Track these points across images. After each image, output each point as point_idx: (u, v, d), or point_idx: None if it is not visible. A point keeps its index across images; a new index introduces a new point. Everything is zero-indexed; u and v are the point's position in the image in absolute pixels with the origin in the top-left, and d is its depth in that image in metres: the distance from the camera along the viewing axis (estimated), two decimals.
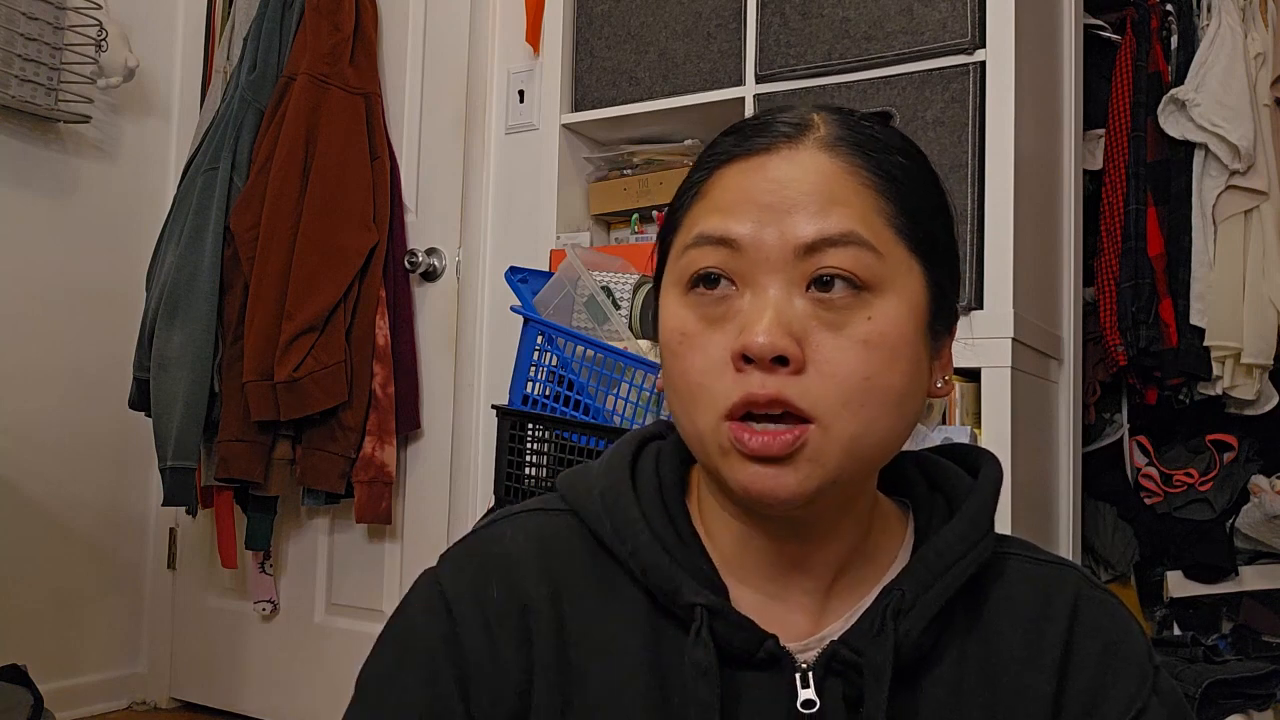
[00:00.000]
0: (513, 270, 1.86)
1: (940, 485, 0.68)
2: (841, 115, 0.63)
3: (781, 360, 0.56)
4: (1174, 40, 2.44)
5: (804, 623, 0.63)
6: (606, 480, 0.66)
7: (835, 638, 0.61)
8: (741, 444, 0.56)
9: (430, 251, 2.27)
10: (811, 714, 0.59)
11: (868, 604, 0.63)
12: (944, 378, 0.64)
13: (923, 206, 0.62)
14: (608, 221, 2.22)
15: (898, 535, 0.67)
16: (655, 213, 2.12)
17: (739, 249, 0.58)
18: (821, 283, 0.57)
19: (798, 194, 0.58)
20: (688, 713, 0.59)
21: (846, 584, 0.64)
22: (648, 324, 1.62)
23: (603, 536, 0.64)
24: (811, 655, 0.61)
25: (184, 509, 2.32)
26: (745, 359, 0.56)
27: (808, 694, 0.60)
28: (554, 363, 1.73)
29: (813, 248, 0.57)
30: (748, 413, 0.57)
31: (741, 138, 0.62)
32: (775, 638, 0.60)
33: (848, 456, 0.58)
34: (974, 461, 0.69)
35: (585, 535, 0.65)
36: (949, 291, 0.63)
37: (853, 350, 0.57)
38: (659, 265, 0.66)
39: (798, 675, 0.60)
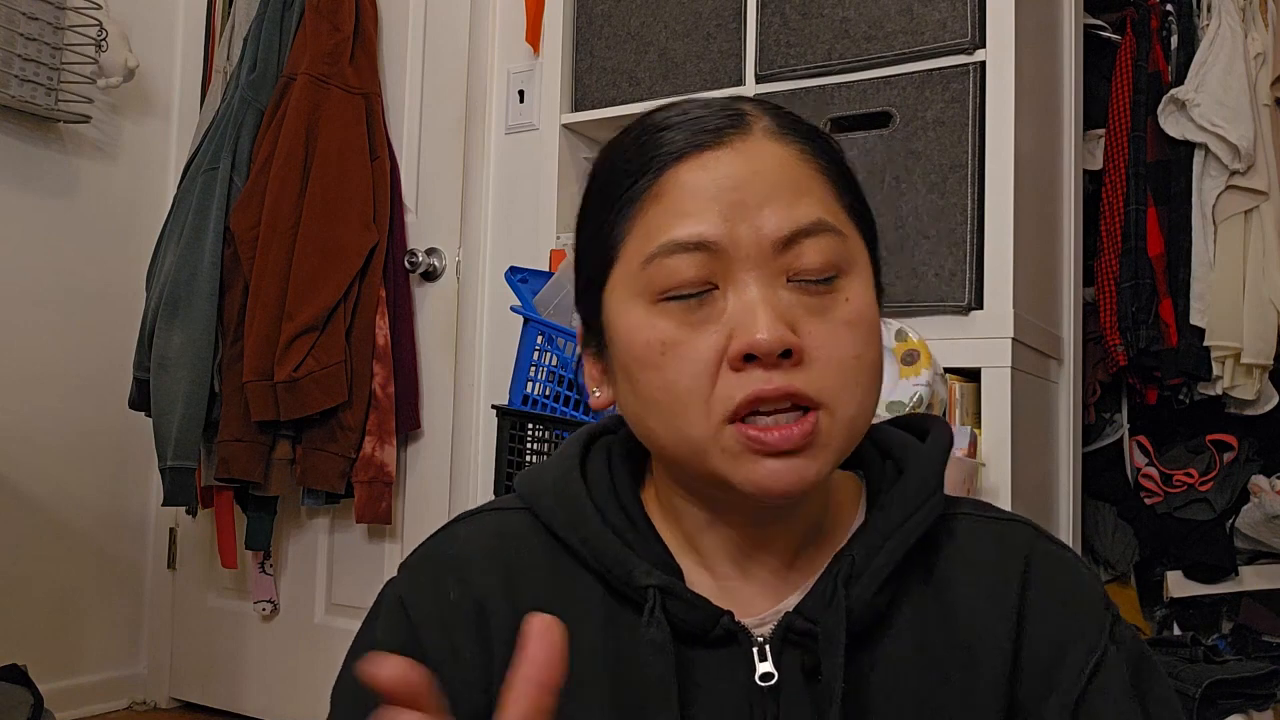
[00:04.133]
0: (513, 270, 1.86)
1: (890, 452, 0.68)
2: (764, 102, 0.64)
3: (786, 353, 0.56)
4: (1174, 40, 2.44)
5: (763, 600, 0.63)
6: (558, 473, 0.66)
7: (791, 609, 0.61)
8: (759, 442, 0.56)
9: (430, 251, 2.27)
10: (770, 686, 0.60)
11: (822, 572, 0.63)
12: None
13: (855, 185, 0.64)
14: None
15: (853, 505, 0.67)
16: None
17: (715, 250, 0.57)
18: (806, 275, 0.58)
19: (764, 186, 0.58)
20: (646, 693, 0.59)
21: (804, 559, 0.64)
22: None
23: (556, 528, 0.64)
24: (769, 629, 0.61)
25: (184, 509, 2.32)
26: (746, 358, 0.56)
27: (765, 666, 0.60)
28: (554, 363, 1.73)
29: (789, 240, 0.58)
30: (753, 410, 0.56)
31: (683, 133, 0.60)
32: (730, 614, 0.60)
33: (848, 437, 0.59)
34: (923, 427, 0.69)
35: (540, 530, 0.65)
36: (879, 265, 0.66)
37: (841, 333, 0.58)
38: (598, 274, 0.62)
39: (755, 650, 0.60)
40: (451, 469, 2.23)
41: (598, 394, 0.66)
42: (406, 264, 2.26)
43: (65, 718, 2.25)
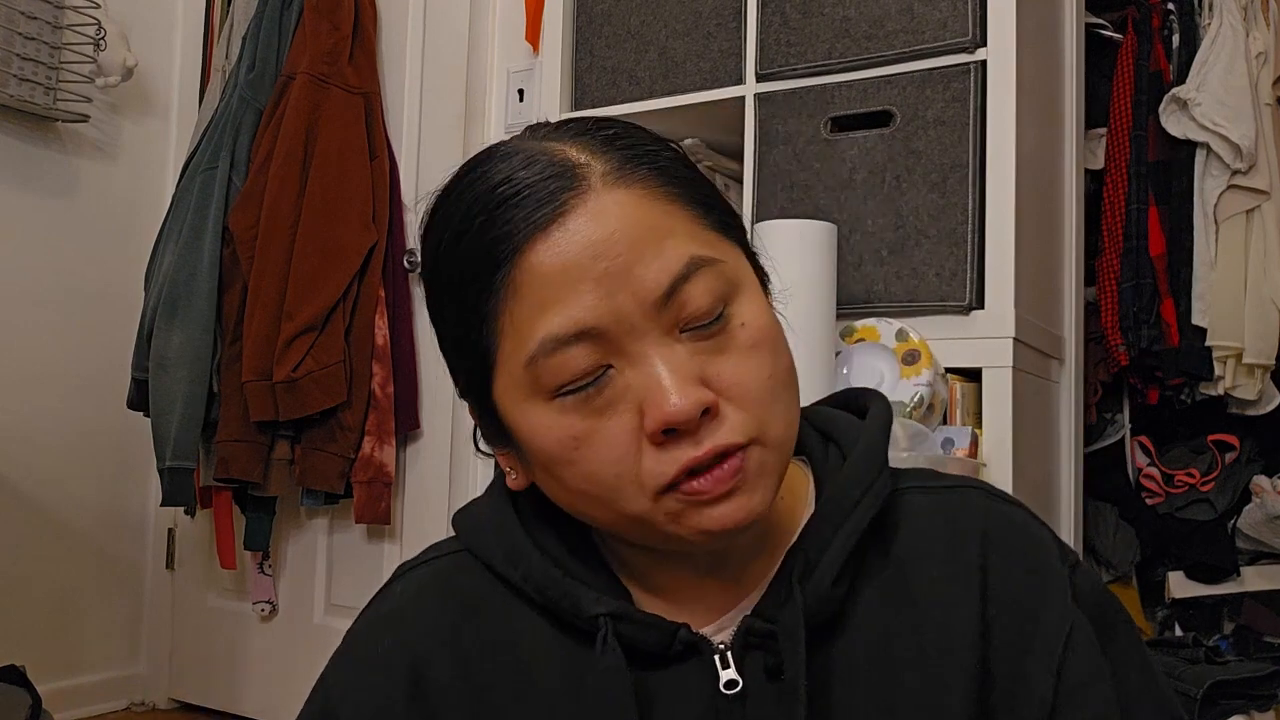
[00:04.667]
0: None
1: (831, 434, 0.67)
2: (587, 137, 0.58)
3: (705, 411, 0.54)
4: (1175, 39, 2.43)
5: (719, 604, 0.62)
6: (490, 509, 0.64)
7: (749, 612, 0.60)
8: (695, 493, 0.54)
9: None
10: (736, 694, 0.58)
11: (776, 571, 0.62)
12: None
13: (703, 187, 0.60)
14: None
15: (801, 496, 0.65)
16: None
17: (600, 333, 0.54)
18: (695, 321, 0.55)
19: (623, 245, 0.54)
20: None
21: (758, 560, 0.63)
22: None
23: (495, 566, 0.62)
24: (728, 634, 0.60)
25: (183, 509, 2.32)
26: (665, 431, 0.53)
27: (729, 674, 0.58)
28: None
29: (670, 293, 0.54)
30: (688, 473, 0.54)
31: (520, 210, 0.54)
32: (686, 625, 0.59)
33: (783, 453, 0.58)
34: (862, 403, 0.68)
35: (480, 570, 0.64)
36: (755, 253, 0.62)
37: (747, 361, 0.56)
38: (479, 377, 0.58)
39: (716, 657, 0.59)
40: (451, 469, 2.22)
41: (514, 476, 0.62)
42: (406, 264, 2.25)
43: (64, 718, 2.25)
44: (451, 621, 0.63)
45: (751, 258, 0.61)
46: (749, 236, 0.62)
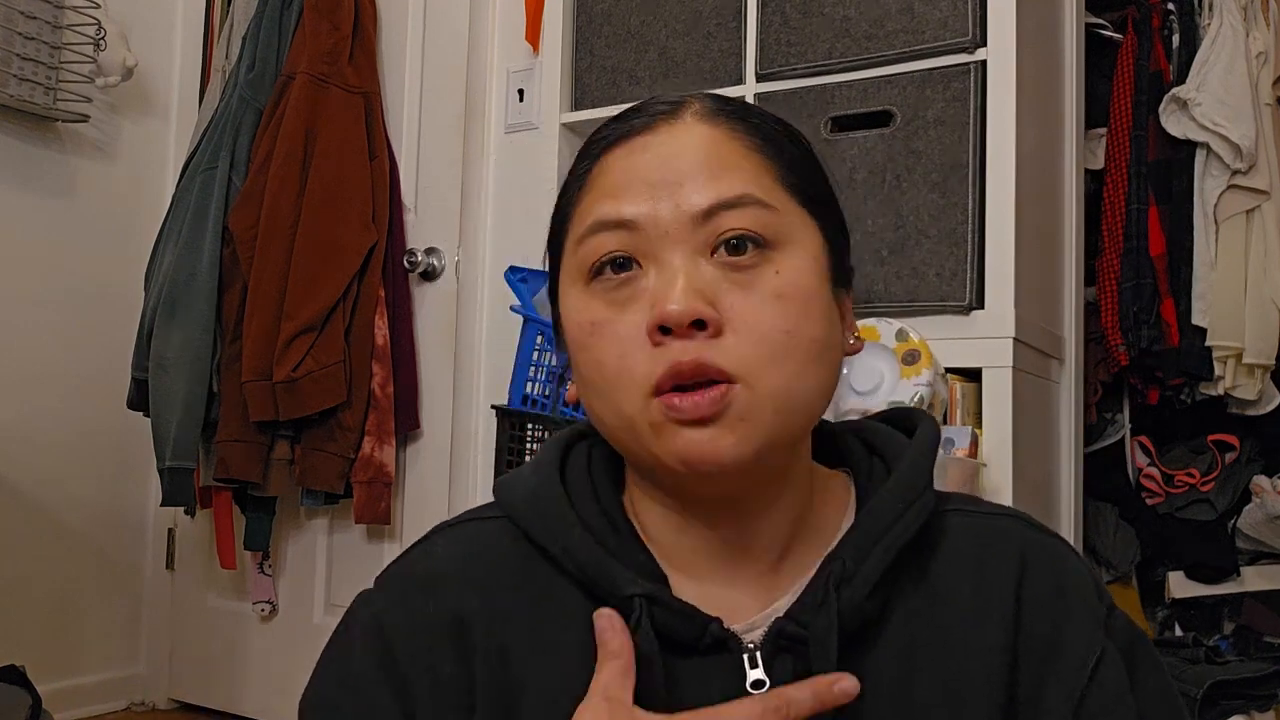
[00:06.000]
0: (513, 270, 1.86)
1: (877, 449, 0.67)
2: (714, 95, 0.65)
3: (699, 324, 0.56)
4: (1175, 39, 2.43)
5: (751, 604, 0.62)
6: (536, 480, 0.65)
7: (781, 614, 0.60)
8: (675, 409, 0.56)
9: (429, 251, 2.27)
10: (761, 694, 0.58)
11: (812, 576, 0.62)
12: (854, 335, 0.66)
13: (806, 164, 0.64)
14: None
15: (840, 505, 0.66)
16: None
17: (637, 228, 0.58)
18: (729, 245, 0.58)
19: (687, 165, 0.59)
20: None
21: (792, 561, 0.63)
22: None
23: (535, 537, 0.63)
24: (759, 635, 0.60)
25: (183, 509, 2.32)
26: (662, 330, 0.56)
27: (756, 674, 0.59)
28: (554, 362, 1.73)
29: (709, 213, 0.58)
30: (674, 385, 0.56)
31: (620, 121, 0.63)
32: (719, 620, 0.59)
33: (778, 413, 0.57)
34: (911, 422, 0.68)
35: (519, 538, 0.64)
36: (842, 249, 0.64)
37: (767, 305, 0.57)
38: (553, 268, 0.65)
39: (745, 656, 0.59)
40: (451, 469, 2.22)
41: (572, 389, 0.66)
42: (406, 263, 2.25)
43: (64, 718, 2.25)
44: (488, 588, 0.63)
45: (831, 242, 0.63)
46: (836, 225, 0.64)
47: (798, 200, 0.61)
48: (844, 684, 0.54)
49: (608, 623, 0.57)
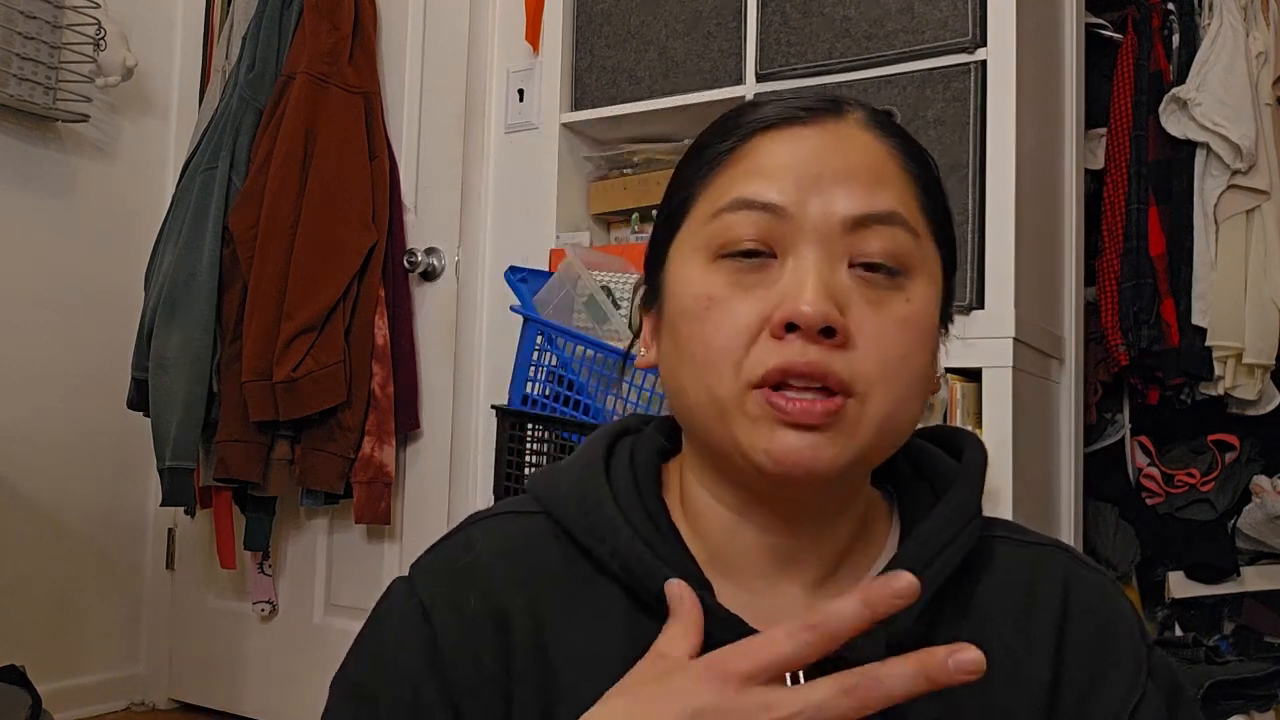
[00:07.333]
0: (513, 270, 1.86)
1: (924, 471, 0.66)
2: (866, 104, 0.64)
3: (828, 331, 0.55)
4: (1175, 39, 2.43)
5: (795, 619, 0.62)
6: (580, 478, 0.64)
7: None
8: (781, 410, 0.55)
9: (430, 251, 2.27)
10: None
11: None
12: (939, 373, 0.65)
13: (941, 194, 0.63)
14: (607, 221, 2.22)
15: (884, 525, 0.65)
16: (655, 212, 2.12)
17: (782, 216, 0.57)
18: (866, 262, 0.57)
19: (845, 167, 0.58)
20: None
21: (838, 578, 0.62)
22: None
23: (579, 536, 0.62)
24: None
25: (183, 509, 2.31)
26: (788, 327, 0.55)
27: None
28: (554, 363, 1.73)
29: (859, 223, 0.57)
30: (781, 382, 0.55)
31: (779, 108, 0.61)
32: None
33: (878, 433, 0.57)
34: (957, 443, 0.68)
35: (560, 536, 0.63)
36: (953, 287, 0.64)
37: (894, 329, 0.57)
38: (668, 230, 0.64)
39: (788, 674, 0.58)
40: (451, 469, 2.22)
41: (643, 353, 0.65)
42: (406, 263, 2.25)
43: (64, 718, 2.25)
44: (530, 584, 0.62)
45: (948, 277, 0.63)
46: (954, 260, 0.65)
47: (934, 233, 0.61)
48: (966, 655, 0.47)
49: (679, 589, 0.56)
